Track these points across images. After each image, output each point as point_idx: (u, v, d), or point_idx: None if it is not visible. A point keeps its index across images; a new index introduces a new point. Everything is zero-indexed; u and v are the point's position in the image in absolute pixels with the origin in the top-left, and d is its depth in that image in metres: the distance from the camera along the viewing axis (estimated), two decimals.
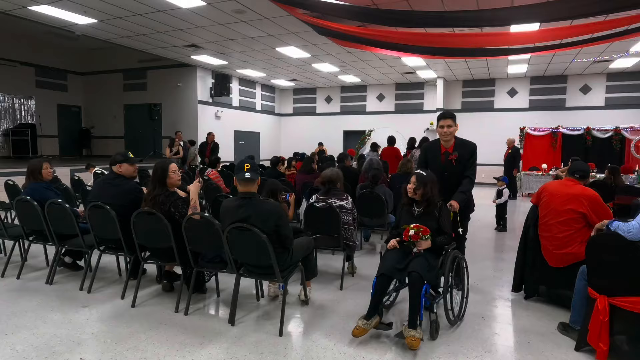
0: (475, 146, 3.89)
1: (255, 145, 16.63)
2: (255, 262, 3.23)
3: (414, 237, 3.12)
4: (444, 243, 3.25)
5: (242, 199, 3.16)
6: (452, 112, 3.92)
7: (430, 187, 3.26)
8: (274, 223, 3.09)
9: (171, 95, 13.76)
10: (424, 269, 3.01)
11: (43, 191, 4.06)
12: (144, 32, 9.65)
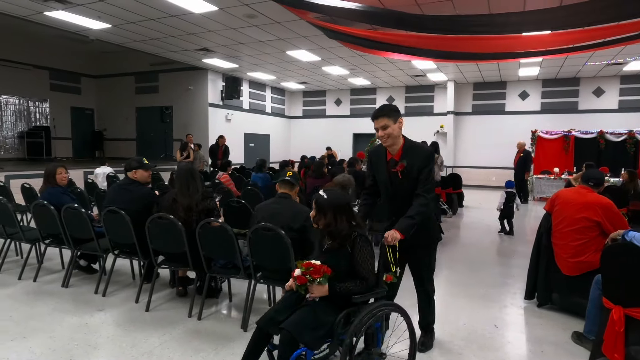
0: (430, 152, 2.82)
1: (265, 148, 16.70)
2: (276, 264, 3.23)
3: (299, 280, 2.32)
4: (351, 291, 2.33)
5: (278, 197, 3.34)
6: (387, 107, 2.77)
7: (334, 215, 2.38)
8: (302, 223, 3.16)
9: (182, 98, 13.88)
10: (303, 325, 2.21)
11: (60, 196, 4.14)
12: (157, 37, 9.77)
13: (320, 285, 2.31)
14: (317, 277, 2.30)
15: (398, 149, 2.77)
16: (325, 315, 2.29)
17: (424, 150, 2.80)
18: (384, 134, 2.72)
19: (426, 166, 2.71)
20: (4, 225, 4.61)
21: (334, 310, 2.31)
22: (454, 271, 5.22)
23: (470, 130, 15.38)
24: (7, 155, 12.77)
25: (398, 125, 2.73)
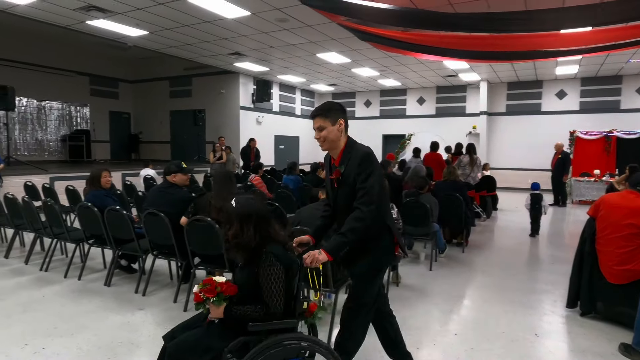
0: (366, 153, 2.32)
1: (294, 150, 16.82)
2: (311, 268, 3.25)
3: (196, 297, 2.08)
4: (248, 317, 2.02)
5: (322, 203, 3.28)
6: (326, 106, 2.43)
7: (240, 225, 2.09)
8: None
9: (215, 101, 14.18)
10: (187, 347, 2.01)
11: (103, 198, 4.31)
12: (191, 42, 10.02)
13: (215, 305, 2.06)
14: (210, 296, 2.05)
15: (339, 153, 2.40)
16: (217, 341, 2.02)
17: (360, 153, 2.31)
18: (319, 137, 2.38)
19: (362, 172, 2.24)
20: (51, 226, 4.84)
21: (229, 336, 2.02)
22: (490, 275, 5.10)
23: (504, 131, 14.98)
24: (51, 158, 13.41)
25: (337, 127, 2.35)
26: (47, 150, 13.53)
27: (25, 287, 4.35)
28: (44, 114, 13.40)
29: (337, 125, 2.35)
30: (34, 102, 13.05)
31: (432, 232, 5.16)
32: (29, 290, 4.27)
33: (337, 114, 2.37)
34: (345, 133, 2.40)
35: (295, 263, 2.14)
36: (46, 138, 13.50)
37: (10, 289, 4.30)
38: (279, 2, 7.20)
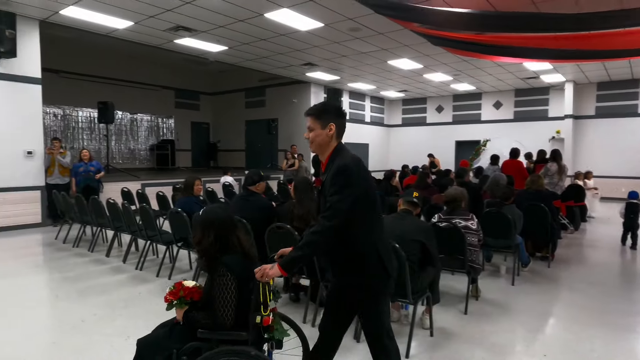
0: (342, 166, 2.07)
1: (364, 157, 16.81)
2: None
3: (165, 299, 2.20)
4: (198, 323, 2.10)
5: (403, 212, 3.38)
6: (320, 106, 2.25)
7: (202, 231, 2.15)
8: (424, 238, 3.18)
9: (287, 110, 14.66)
10: (150, 344, 2.15)
11: (192, 205, 4.66)
12: (266, 55, 10.48)
13: (177, 308, 2.16)
14: (172, 298, 2.16)
15: (325, 159, 2.21)
16: (176, 342, 2.08)
17: (337, 164, 2.08)
18: (307, 137, 2.22)
19: (333, 185, 2.03)
20: (145, 229, 5.31)
21: (188, 339, 2.08)
22: (579, 293, 4.70)
23: (593, 135, 13.77)
24: (141, 166, 14.69)
25: (327, 132, 2.15)
26: (138, 159, 14.85)
27: (125, 284, 4.81)
28: (135, 126, 14.77)
29: (326, 130, 2.16)
30: (127, 115, 14.43)
31: (515, 244, 4.89)
32: (127, 287, 4.71)
33: (329, 118, 2.17)
34: (337, 138, 2.19)
35: (253, 274, 2.05)
36: (137, 147, 14.85)
37: (112, 285, 4.79)
38: (351, 12, 7.31)
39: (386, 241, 2.22)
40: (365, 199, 2.08)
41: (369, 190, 2.12)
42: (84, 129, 13.23)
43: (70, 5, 7.07)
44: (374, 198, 2.15)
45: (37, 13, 7.52)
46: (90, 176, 8.13)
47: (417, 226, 3.32)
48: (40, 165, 8.05)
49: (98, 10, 7.26)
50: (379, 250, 2.11)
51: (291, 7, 7.12)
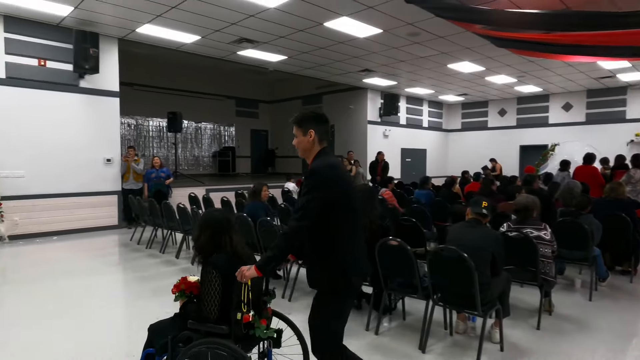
0: (313, 168, 2.22)
1: (421, 163, 16.49)
2: (457, 288, 3.18)
3: (172, 290, 2.53)
4: (189, 315, 2.36)
5: (473, 222, 3.31)
6: (301, 115, 2.40)
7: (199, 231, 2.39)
8: (494, 248, 3.09)
9: (343, 117, 14.73)
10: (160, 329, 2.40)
11: (259, 210, 4.82)
12: (324, 63, 10.63)
13: (179, 299, 2.47)
14: (174, 291, 2.46)
15: (309, 163, 2.32)
16: (174, 330, 2.33)
17: (313, 164, 2.25)
18: (294, 144, 2.39)
19: (305, 186, 2.15)
20: None
21: (184, 328, 2.31)
22: None
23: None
24: (204, 172, 15.42)
25: (308, 138, 2.28)
26: (202, 165, 15.60)
27: None
28: (199, 134, 15.55)
29: (307, 136, 2.29)
30: (193, 124, 15.22)
31: (592, 256, 4.56)
32: None
33: (308, 125, 2.30)
34: (320, 143, 2.31)
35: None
36: (201, 154, 15.62)
37: None
38: (411, 17, 7.23)
39: (359, 246, 2.27)
40: (337, 203, 2.15)
41: (343, 194, 2.18)
42: (154, 138, 14.14)
43: (145, 24, 7.62)
44: (347, 202, 2.19)
45: (117, 32, 8.19)
46: (160, 182, 8.68)
47: (487, 235, 3.20)
48: (117, 171, 8.71)
49: (169, 27, 7.77)
50: (344, 253, 2.18)
51: (350, 15, 7.18)
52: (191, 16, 7.19)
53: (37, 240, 7.46)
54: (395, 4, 6.59)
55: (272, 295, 2.49)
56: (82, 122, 8.17)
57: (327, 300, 2.23)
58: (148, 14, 7.14)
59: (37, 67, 7.61)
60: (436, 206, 6.57)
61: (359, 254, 2.27)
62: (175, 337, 2.30)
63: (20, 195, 7.34)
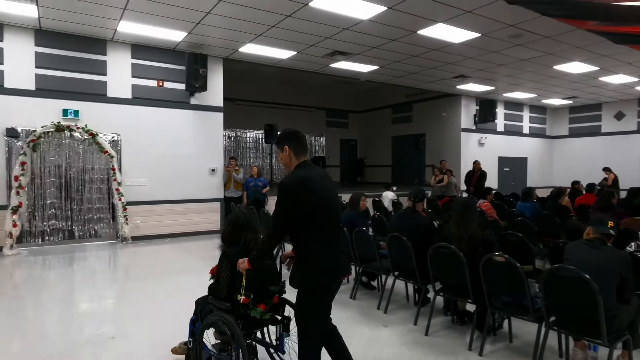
0: (282, 181, 2.52)
1: (521, 172, 15.33)
2: (577, 312, 2.92)
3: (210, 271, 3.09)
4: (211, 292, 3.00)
5: (596, 240, 3.05)
6: (279, 134, 2.74)
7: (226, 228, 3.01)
8: (622, 270, 2.81)
9: (435, 125, 14.31)
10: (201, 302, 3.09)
11: (355, 220, 4.87)
12: (416, 71, 10.45)
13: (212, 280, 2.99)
14: (210, 273, 2.99)
15: None
16: (206, 304, 2.95)
17: (282, 179, 2.60)
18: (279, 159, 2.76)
19: (277, 198, 2.48)
20: None
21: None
22: None
23: None
24: None
25: (285, 153, 2.58)
26: None
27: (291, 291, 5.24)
28: None
29: (284, 152, 2.58)
30: None
31: None
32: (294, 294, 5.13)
33: (283, 142, 2.60)
34: (296, 157, 2.56)
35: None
36: None
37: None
38: (513, 18, 6.82)
39: (332, 249, 2.49)
40: (307, 211, 2.39)
41: (312, 203, 2.40)
42: (251, 148, 15.03)
43: (247, 43, 8.20)
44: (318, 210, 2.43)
45: (222, 52, 8.92)
46: (258, 190, 9.19)
47: (613, 255, 2.88)
48: (220, 180, 9.42)
49: (268, 44, 8.26)
50: (314, 256, 2.44)
51: (446, 21, 6.99)
52: (288, 33, 7.57)
53: (154, 242, 8.34)
54: (496, 6, 6.27)
55: (280, 286, 2.87)
56: (192, 135, 9.00)
57: (303, 298, 2.50)
58: (250, 34, 7.67)
59: (156, 88, 8.58)
60: (543, 220, 6.05)
61: (330, 256, 2.48)
62: (203, 309, 2.96)
63: (142, 201, 8.28)
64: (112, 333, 3.89)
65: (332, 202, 2.54)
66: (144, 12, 6.63)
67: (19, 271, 6.33)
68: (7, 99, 7.25)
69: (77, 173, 7.85)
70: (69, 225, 7.85)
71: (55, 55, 7.62)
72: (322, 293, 2.50)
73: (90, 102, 7.91)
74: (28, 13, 6.67)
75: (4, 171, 7.26)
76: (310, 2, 6.17)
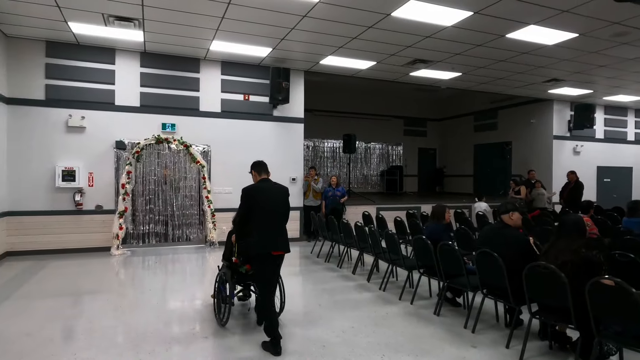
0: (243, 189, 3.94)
1: (625, 183, 13.76)
2: None
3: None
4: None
5: None
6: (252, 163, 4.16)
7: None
8: None
9: (523, 132, 13.41)
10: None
11: (440, 233, 4.72)
12: (502, 76, 9.91)
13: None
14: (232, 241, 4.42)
15: None
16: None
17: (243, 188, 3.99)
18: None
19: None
20: (389, 252, 5.67)
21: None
22: None
23: None
24: (372, 190, 15.90)
25: (253, 176, 4.09)
26: (370, 184, 16.14)
27: (372, 303, 5.20)
28: (369, 154, 16.18)
29: (252, 174, 4.10)
30: (363, 144, 15.94)
31: None
32: (374, 306, 5.09)
33: (251, 168, 4.13)
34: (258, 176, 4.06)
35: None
36: (369, 173, 16.18)
37: (361, 301, 5.26)
38: (617, 15, 6.20)
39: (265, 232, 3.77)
40: (251, 207, 3.83)
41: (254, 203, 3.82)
42: (328, 158, 15.29)
43: (328, 55, 8.38)
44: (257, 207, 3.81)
45: (304, 65, 9.21)
46: (336, 200, 9.29)
47: None
48: (300, 189, 9.67)
49: (349, 56, 8.37)
50: (256, 235, 3.75)
51: (538, 23, 6.55)
52: (369, 44, 7.60)
53: None
54: (597, 4, 5.76)
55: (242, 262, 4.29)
56: (274, 146, 9.37)
57: (252, 262, 4.05)
58: (331, 46, 7.83)
59: (242, 101, 9.09)
60: None
61: (263, 236, 3.75)
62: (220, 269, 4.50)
63: (228, 208, 8.75)
64: (204, 333, 4.15)
65: (271, 202, 3.85)
66: (234, 31, 7.08)
67: (124, 270, 7.02)
68: (117, 115, 8.15)
69: (172, 181, 8.56)
70: (164, 229, 8.56)
71: (156, 75, 8.42)
72: (260, 260, 3.78)
73: (185, 116, 8.61)
74: (136, 38, 7.46)
75: (113, 179, 8.14)
76: (392, 12, 6.15)
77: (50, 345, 3.82)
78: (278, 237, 3.81)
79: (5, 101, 7.40)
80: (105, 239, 7.95)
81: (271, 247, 3.73)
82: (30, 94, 7.65)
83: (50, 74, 7.75)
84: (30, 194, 7.63)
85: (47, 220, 7.74)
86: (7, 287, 5.70)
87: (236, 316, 4.60)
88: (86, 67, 7.96)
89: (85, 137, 7.98)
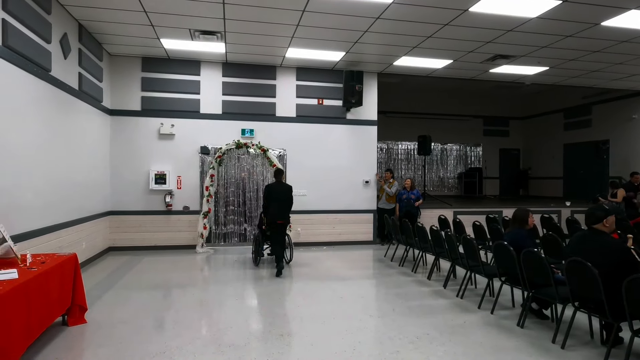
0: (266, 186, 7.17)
1: None
2: None
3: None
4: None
5: None
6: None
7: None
8: None
9: (623, 129, 12.06)
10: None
11: (523, 239, 4.42)
12: (597, 68, 9.01)
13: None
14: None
15: None
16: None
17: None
18: None
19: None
20: (467, 258, 5.42)
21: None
22: None
23: None
24: (449, 193, 15.29)
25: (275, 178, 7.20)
26: (446, 187, 15.55)
27: (448, 310, 5.01)
28: (445, 155, 15.60)
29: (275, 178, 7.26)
30: (439, 145, 15.42)
31: None
32: (451, 313, 4.89)
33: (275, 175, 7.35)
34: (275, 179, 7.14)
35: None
36: (446, 176, 15.60)
37: (437, 308, 5.09)
38: None
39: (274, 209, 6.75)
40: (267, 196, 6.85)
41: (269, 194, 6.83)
42: (402, 160, 15.01)
43: (402, 56, 8.26)
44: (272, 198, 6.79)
45: (377, 67, 9.17)
46: (410, 203, 9.08)
47: None
48: (374, 192, 9.61)
49: (423, 55, 8.17)
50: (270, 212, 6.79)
51: None
52: (445, 42, 7.35)
53: (313, 249, 8.96)
54: None
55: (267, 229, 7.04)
56: (348, 149, 9.43)
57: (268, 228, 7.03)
58: (405, 47, 7.70)
59: (316, 105, 9.29)
60: None
61: (272, 212, 6.73)
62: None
63: (303, 210, 8.99)
64: (280, 331, 4.30)
65: (279, 195, 6.78)
66: (308, 37, 7.26)
67: (207, 267, 7.51)
68: (202, 123, 8.78)
69: (250, 184, 9.00)
70: (242, 229, 9.01)
71: (236, 83, 8.92)
72: (272, 226, 6.79)
73: (263, 121, 9.01)
74: (218, 50, 7.96)
75: (198, 182, 8.76)
76: (470, 7, 5.90)
77: (144, 332, 4.21)
78: (282, 212, 6.78)
79: (109, 113, 8.32)
80: (191, 238, 8.58)
81: (276, 218, 6.73)
82: (129, 105, 8.52)
83: (145, 87, 8.57)
84: (129, 196, 8.49)
85: (143, 220, 8.55)
86: (110, 279, 6.39)
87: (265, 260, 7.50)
88: (175, 79, 8.68)
89: (174, 144, 8.69)
